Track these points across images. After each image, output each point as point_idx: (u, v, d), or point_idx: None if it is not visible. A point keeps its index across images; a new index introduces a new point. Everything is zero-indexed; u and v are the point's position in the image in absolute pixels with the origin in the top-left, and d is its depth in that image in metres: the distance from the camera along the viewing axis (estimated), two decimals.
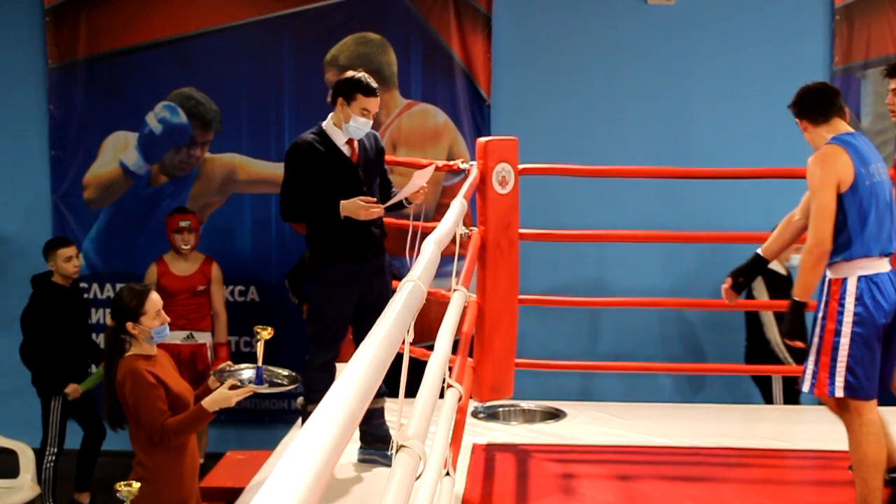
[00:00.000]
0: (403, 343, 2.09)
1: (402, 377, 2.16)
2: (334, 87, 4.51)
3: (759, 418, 5.52)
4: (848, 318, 3.67)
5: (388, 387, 4.18)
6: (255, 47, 7.09)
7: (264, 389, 4.12)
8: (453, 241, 3.78)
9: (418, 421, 2.11)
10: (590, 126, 6.90)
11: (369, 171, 4.54)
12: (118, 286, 7.07)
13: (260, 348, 4.10)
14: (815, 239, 3.66)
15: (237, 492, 4.42)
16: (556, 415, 5.43)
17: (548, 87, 6.93)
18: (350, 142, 4.49)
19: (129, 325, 4.05)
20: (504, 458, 4.75)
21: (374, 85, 4.43)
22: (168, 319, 4.17)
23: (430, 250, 2.86)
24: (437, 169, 5.08)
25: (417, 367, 2.44)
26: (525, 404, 5.61)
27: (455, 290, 3.52)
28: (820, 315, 3.76)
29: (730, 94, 6.88)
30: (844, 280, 3.70)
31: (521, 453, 4.84)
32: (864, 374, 3.68)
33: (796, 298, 3.76)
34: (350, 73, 4.52)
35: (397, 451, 1.90)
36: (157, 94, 7.13)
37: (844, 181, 3.67)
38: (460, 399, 3.14)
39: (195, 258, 6.62)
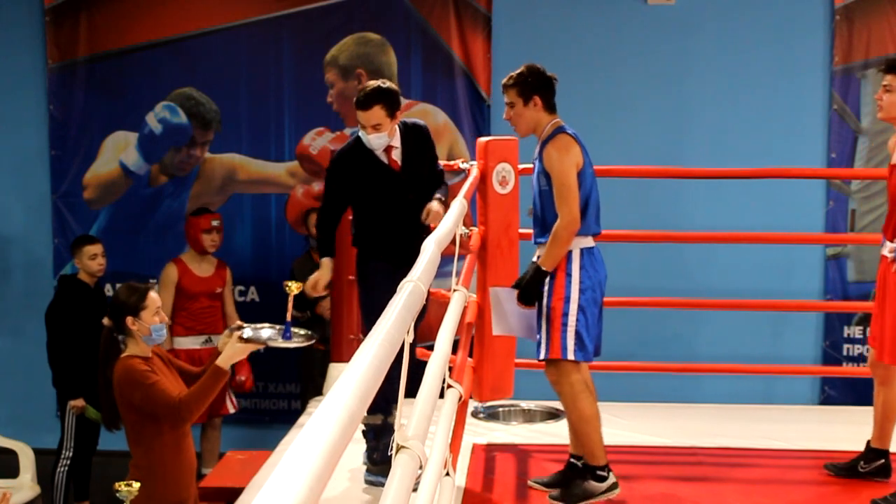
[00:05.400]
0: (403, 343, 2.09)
1: (401, 377, 2.16)
2: None
3: (759, 418, 5.52)
4: (575, 286, 4.01)
5: (388, 387, 4.14)
6: (255, 47, 7.09)
7: (277, 344, 4.11)
8: (453, 241, 3.79)
9: (418, 421, 2.11)
10: (590, 126, 6.85)
11: (414, 175, 4.42)
12: (118, 286, 7.07)
13: (289, 303, 4.14)
14: (572, 216, 3.98)
15: (237, 492, 4.42)
16: (556, 415, 5.43)
17: None
18: (389, 149, 4.37)
19: (129, 319, 4.01)
20: (504, 458, 4.75)
21: (366, 97, 4.23)
22: (167, 320, 4.15)
23: (430, 250, 2.86)
24: None
25: (418, 367, 2.44)
26: (525, 404, 5.61)
27: (455, 290, 3.52)
28: (547, 287, 4.04)
29: (730, 94, 6.88)
30: (570, 252, 4.03)
31: (521, 453, 4.84)
32: (589, 337, 4.04)
33: (543, 268, 4.03)
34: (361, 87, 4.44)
35: (397, 451, 1.90)
36: (157, 94, 7.13)
37: (579, 166, 4.06)
38: (460, 399, 3.14)
39: (211, 260, 6.55)
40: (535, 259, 4.25)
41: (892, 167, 4.27)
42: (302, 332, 4.21)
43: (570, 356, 4.00)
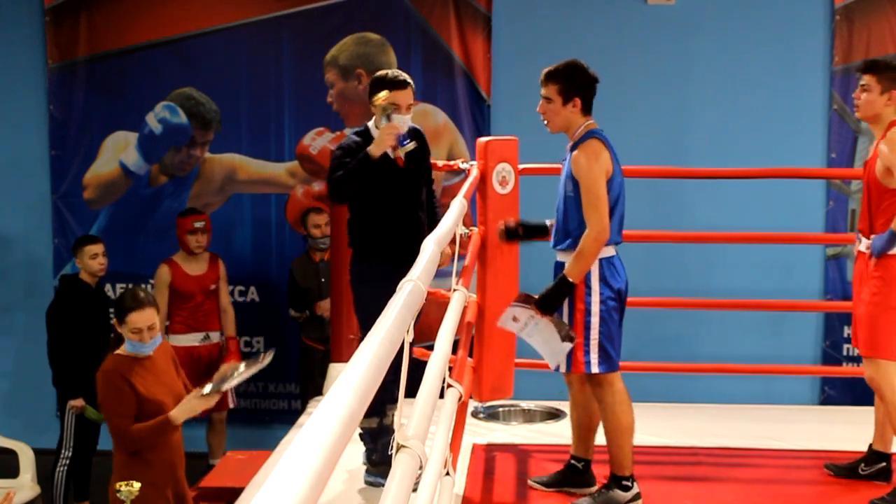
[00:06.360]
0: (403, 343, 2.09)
1: (401, 377, 2.16)
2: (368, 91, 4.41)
3: (759, 418, 5.52)
4: (595, 298, 3.91)
5: (390, 388, 4.13)
6: (255, 47, 7.09)
7: (234, 382, 4.29)
8: (453, 241, 3.78)
9: (418, 421, 2.11)
10: None
11: (415, 174, 4.43)
12: (118, 286, 7.09)
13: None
14: (602, 226, 3.87)
15: (237, 492, 4.41)
16: (556, 415, 5.43)
17: None
18: (395, 146, 4.32)
19: (115, 321, 4.13)
20: (504, 458, 4.75)
21: (403, 79, 4.28)
22: (148, 340, 4.13)
23: (429, 250, 2.86)
24: (437, 169, 5.08)
25: (417, 367, 2.44)
26: (525, 404, 5.61)
27: (455, 290, 3.52)
28: (567, 299, 3.95)
29: (730, 94, 6.88)
30: None
31: (521, 453, 4.84)
32: (613, 347, 3.95)
33: (570, 279, 3.90)
34: (378, 73, 4.41)
35: (397, 451, 1.90)
36: (157, 94, 7.13)
37: (608, 174, 3.97)
38: (460, 399, 3.14)
39: (203, 257, 6.59)
40: (551, 238, 4.17)
41: (865, 163, 4.29)
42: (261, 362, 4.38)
43: (595, 370, 3.92)
